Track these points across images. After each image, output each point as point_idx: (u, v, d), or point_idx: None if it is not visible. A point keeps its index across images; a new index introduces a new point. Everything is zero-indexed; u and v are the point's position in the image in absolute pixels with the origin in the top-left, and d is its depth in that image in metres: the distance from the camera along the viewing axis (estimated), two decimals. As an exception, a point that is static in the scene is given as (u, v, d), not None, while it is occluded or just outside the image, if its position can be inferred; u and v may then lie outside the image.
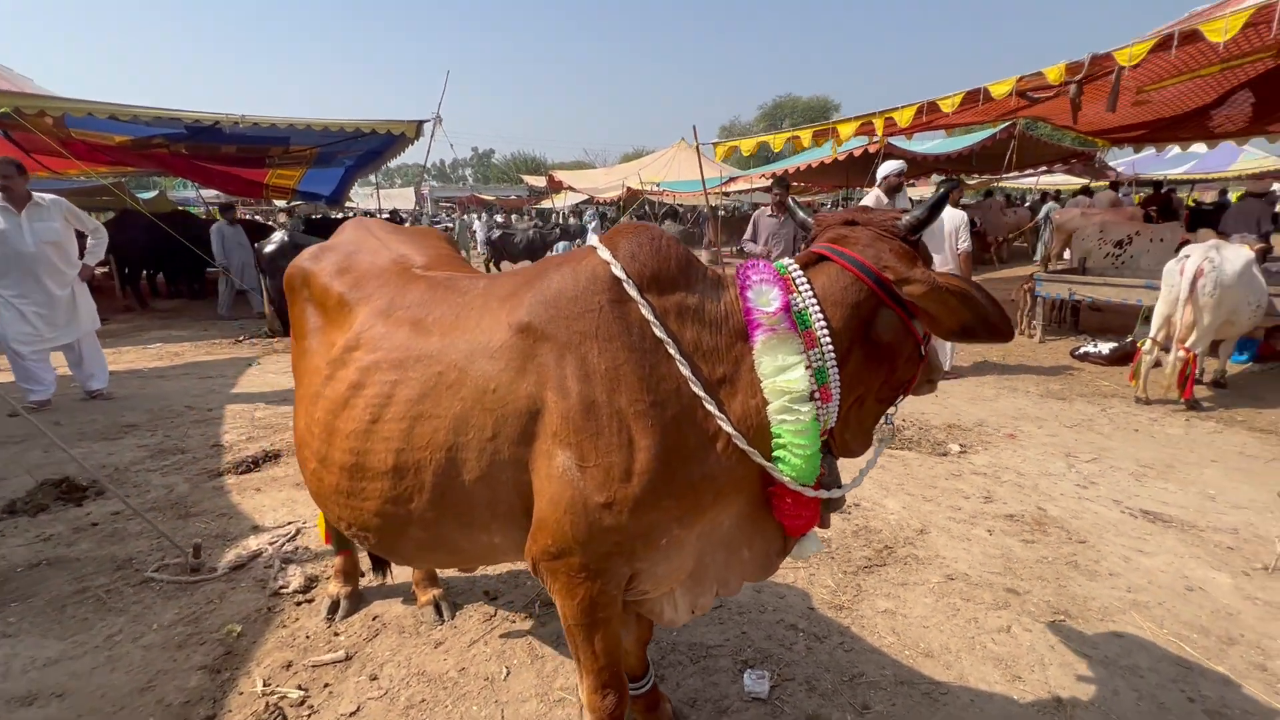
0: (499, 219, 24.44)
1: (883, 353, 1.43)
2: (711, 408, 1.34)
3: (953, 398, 5.51)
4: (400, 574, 2.75)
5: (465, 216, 28.01)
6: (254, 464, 3.96)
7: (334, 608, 2.53)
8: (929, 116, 7.17)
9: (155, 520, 3.14)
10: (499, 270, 15.24)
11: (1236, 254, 5.02)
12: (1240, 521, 3.23)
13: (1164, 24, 8.13)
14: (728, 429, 1.34)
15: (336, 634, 2.43)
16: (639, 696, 1.93)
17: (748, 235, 6.46)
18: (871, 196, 5.63)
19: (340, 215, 16.81)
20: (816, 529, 1.56)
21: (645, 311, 1.36)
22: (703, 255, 18.28)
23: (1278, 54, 8.61)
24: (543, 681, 2.19)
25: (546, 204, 29.77)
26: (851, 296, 1.40)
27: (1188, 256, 5.08)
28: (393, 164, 13.25)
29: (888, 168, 5.54)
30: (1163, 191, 14.52)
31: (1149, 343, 5.39)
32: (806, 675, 2.19)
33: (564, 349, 1.37)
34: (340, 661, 2.28)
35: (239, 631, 2.43)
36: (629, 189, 19.42)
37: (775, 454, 1.38)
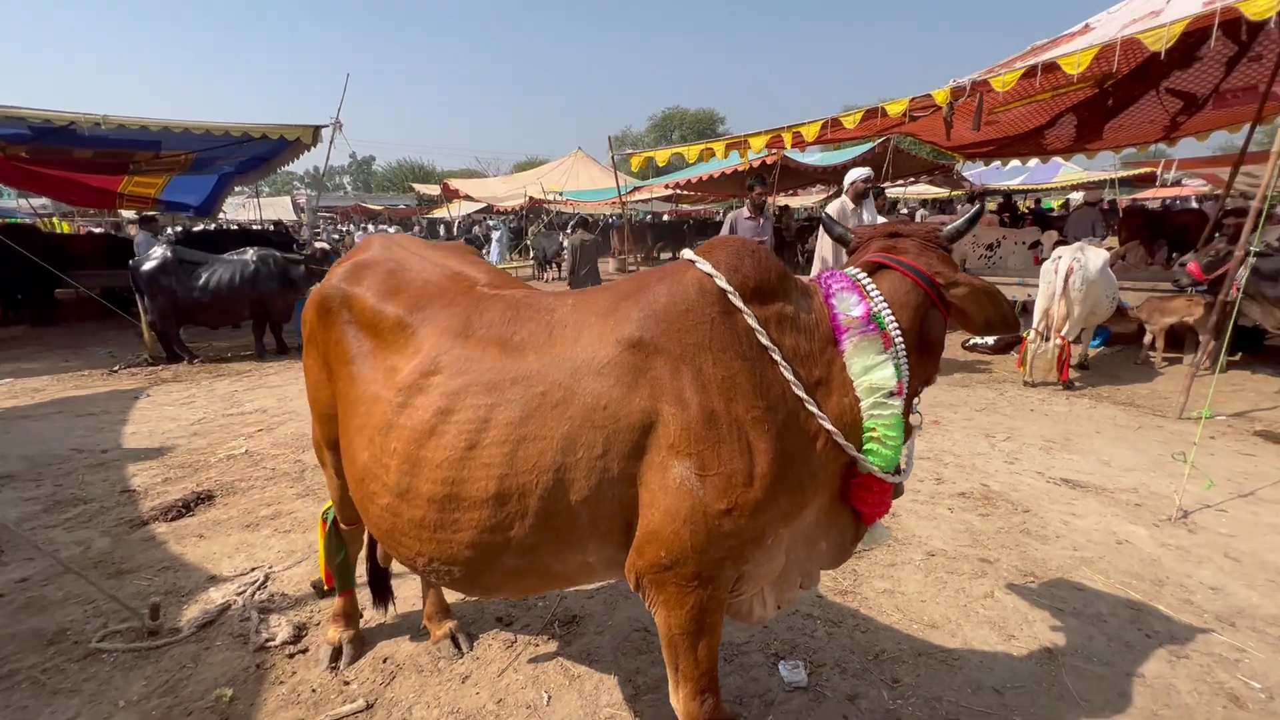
0: (388, 230, 23.19)
1: (931, 348, 1.61)
2: (813, 409, 1.43)
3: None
4: (403, 606, 2.59)
5: (347, 227, 26.33)
6: (185, 508, 3.53)
7: (336, 655, 2.34)
8: (833, 131, 7.77)
9: (85, 581, 2.72)
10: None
11: (1097, 255, 5.89)
12: (1136, 482, 3.80)
13: (1013, 55, 9.35)
14: (828, 427, 1.44)
15: (347, 683, 2.25)
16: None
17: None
18: (837, 202, 5.81)
19: (220, 227, 15.24)
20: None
21: (751, 321, 1.42)
22: (610, 264, 18.43)
23: (1094, 85, 10.15)
24: (587, 702, 2.16)
25: (439, 213, 28.64)
26: (913, 299, 1.56)
27: (1060, 258, 5.88)
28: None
29: (855, 174, 5.77)
30: (1010, 201, 16.66)
31: (1031, 333, 6.17)
32: (835, 659, 2.33)
33: (679, 361, 1.40)
34: (361, 711, 2.11)
35: (231, 695, 2.17)
36: (531, 198, 19.18)
37: (866, 447, 1.49)
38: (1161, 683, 2.19)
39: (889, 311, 1.52)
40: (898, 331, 1.51)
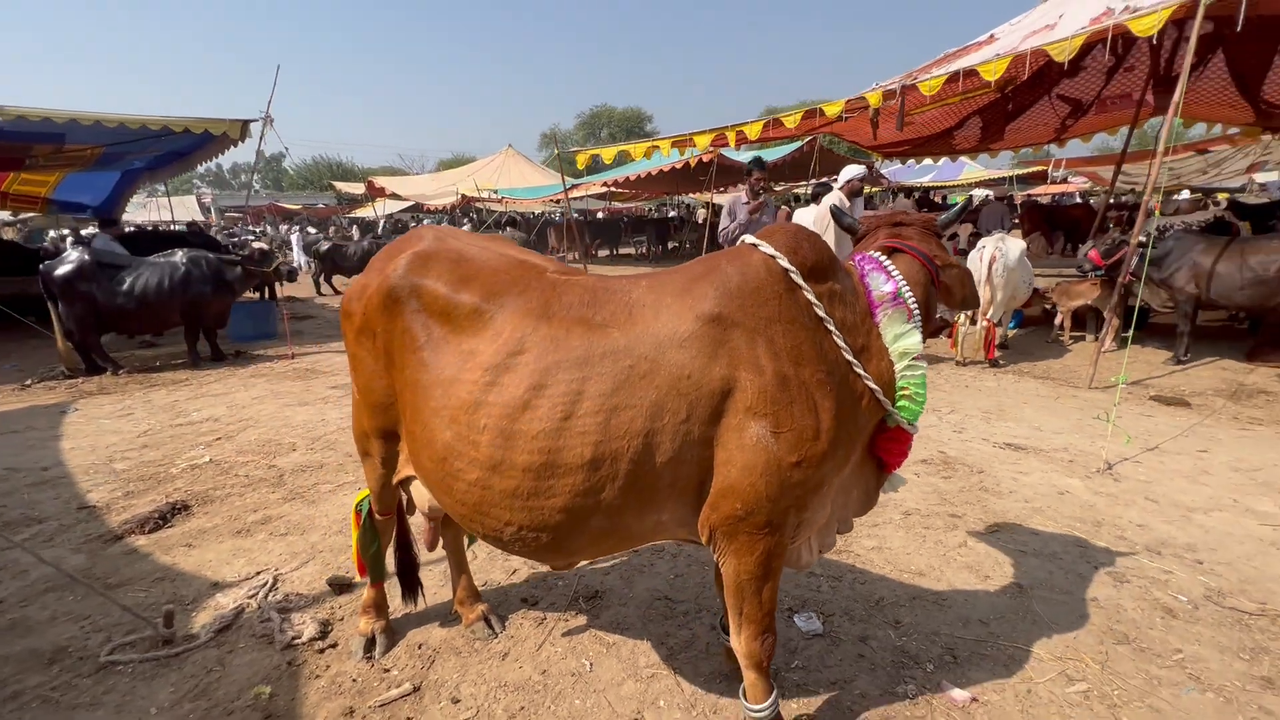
0: (312, 230, 22.06)
1: (929, 320, 1.88)
2: (860, 371, 1.65)
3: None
4: (430, 595, 2.64)
5: (264, 228, 24.82)
6: (162, 519, 3.37)
7: (370, 645, 2.36)
8: (774, 130, 8.17)
9: (80, 596, 2.60)
10: (330, 286, 13.87)
11: (1015, 245, 6.54)
12: (1065, 442, 4.31)
13: (928, 60, 10.08)
14: (872, 386, 1.66)
15: (386, 670, 2.28)
16: (741, 650, 2.16)
17: (726, 223, 5.78)
18: (835, 196, 5.89)
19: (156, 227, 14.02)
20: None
21: (810, 297, 1.63)
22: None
23: (996, 89, 11.08)
24: (626, 665, 2.30)
25: (362, 212, 27.48)
26: (923, 278, 1.82)
27: (984, 248, 6.48)
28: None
29: (851, 172, 5.93)
30: (919, 196, 17.89)
31: (962, 316, 6.76)
32: (842, 608, 2.58)
33: (753, 333, 1.58)
34: (409, 695, 2.16)
35: (270, 692, 2.17)
36: (464, 196, 18.80)
37: (899, 403, 1.72)
38: (1111, 603, 2.58)
39: (908, 288, 1.76)
40: (915, 305, 1.75)
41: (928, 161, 19.86)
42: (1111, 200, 11.36)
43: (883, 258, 1.81)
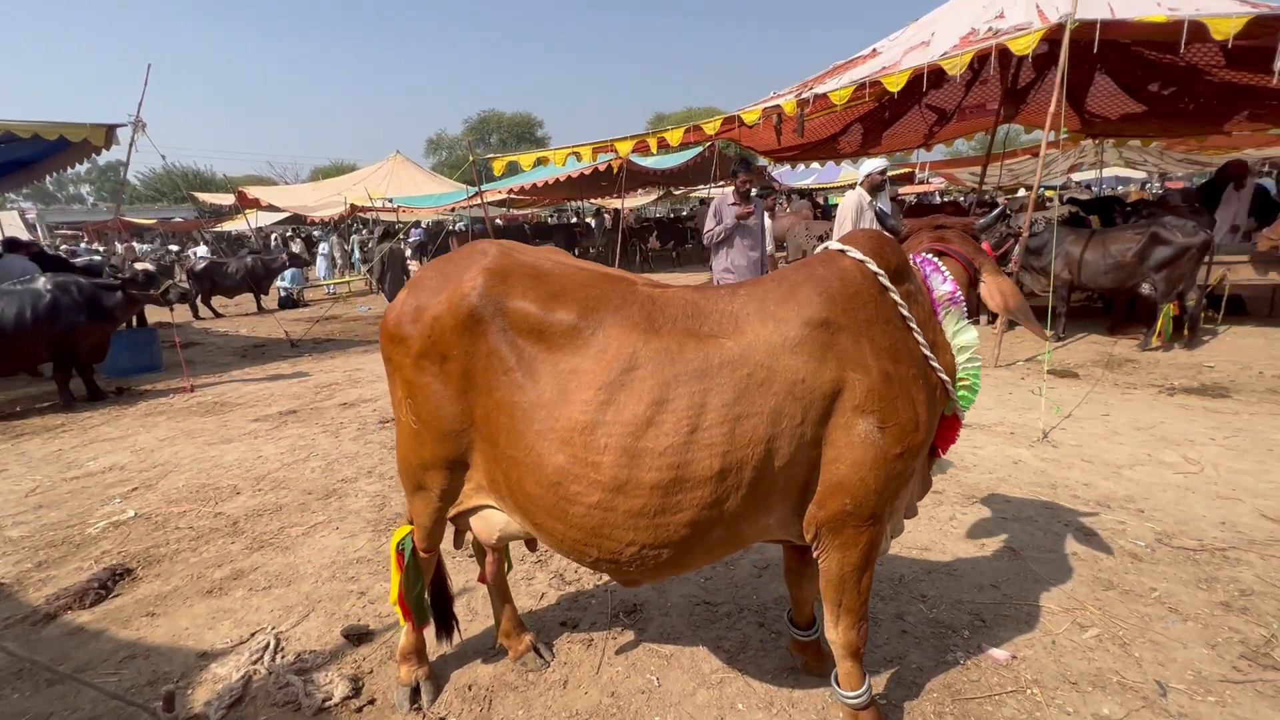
0: (174, 249, 19.70)
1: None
2: (935, 364, 1.77)
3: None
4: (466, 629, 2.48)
5: (128, 244, 21.83)
6: (104, 589, 2.90)
7: (415, 695, 2.18)
8: (695, 135, 8.42)
9: (32, 690, 2.18)
10: (209, 308, 12.48)
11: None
12: (999, 417, 4.81)
13: (820, 71, 10.80)
14: (944, 378, 1.78)
15: (443, 718, 2.12)
16: (811, 643, 2.23)
17: (711, 224, 5.42)
18: (854, 194, 5.78)
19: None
20: None
21: (896, 297, 1.72)
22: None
23: (873, 100, 12.05)
24: (692, 674, 2.29)
25: (228, 226, 24.93)
26: (965, 279, 1.97)
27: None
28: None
29: (871, 166, 5.73)
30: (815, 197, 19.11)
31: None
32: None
33: (857, 335, 1.65)
34: (478, 740, 2.03)
35: (317, 764, 1.95)
36: (354, 205, 17.60)
37: (959, 393, 1.86)
38: (1089, 555, 2.92)
39: (959, 289, 1.90)
40: (964, 303, 1.90)
41: (815, 165, 21.37)
42: (978, 198, 12.77)
43: (938, 260, 1.94)
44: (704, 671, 2.30)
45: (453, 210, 20.49)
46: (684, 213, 27.21)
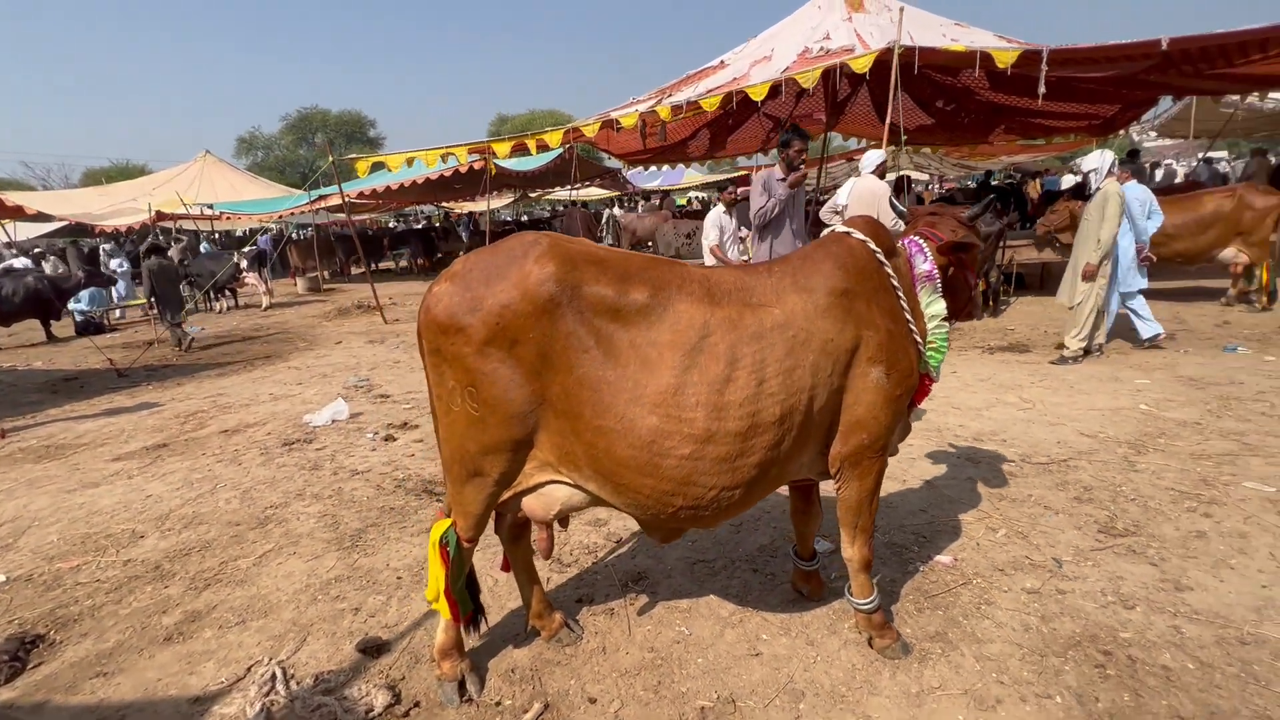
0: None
1: (954, 292, 2.43)
2: (913, 328, 2.19)
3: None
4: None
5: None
6: (16, 661, 2.44)
7: (462, 687, 2.19)
8: (574, 137, 8.61)
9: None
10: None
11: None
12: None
13: (671, 81, 11.55)
14: (919, 339, 2.21)
15: (498, 704, 2.16)
16: (813, 573, 2.59)
17: (761, 201, 5.04)
18: (873, 182, 5.48)
19: None
20: None
21: (889, 270, 2.11)
22: (298, 283, 15.99)
23: (720, 105, 13.10)
24: (715, 619, 2.54)
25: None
26: (943, 261, 2.40)
27: (743, 239, 7.84)
28: None
29: (878, 156, 5.69)
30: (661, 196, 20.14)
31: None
32: (832, 528, 3.17)
33: (869, 301, 2.02)
34: (544, 712, 2.11)
35: (388, 770, 1.91)
36: (160, 213, 15.25)
37: (929, 353, 2.31)
38: (980, 476, 3.64)
39: (936, 268, 2.34)
40: (938, 280, 2.34)
41: (666, 168, 22.50)
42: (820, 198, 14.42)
43: (924, 243, 2.36)
44: (723, 615, 2.56)
45: (280, 217, 18.57)
46: (547, 215, 27.16)
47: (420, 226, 22.76)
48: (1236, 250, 7.67)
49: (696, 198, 31.54)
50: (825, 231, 2.27)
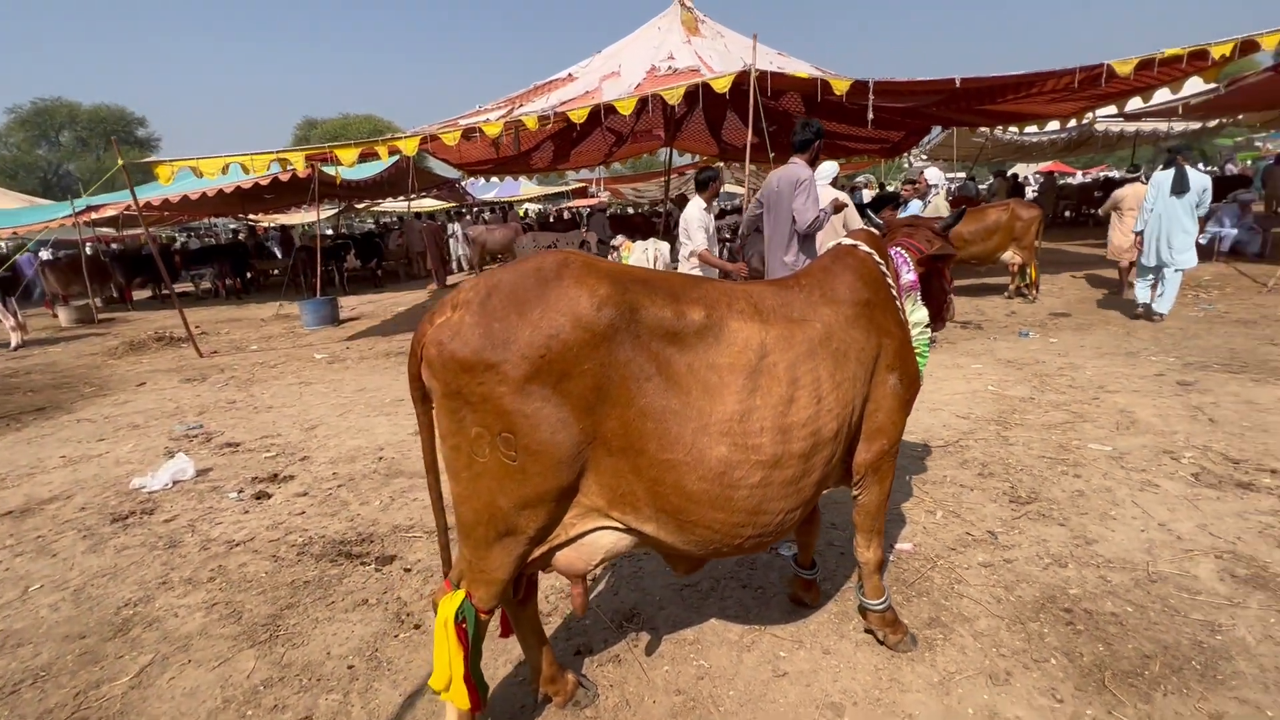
0: None
1: (932, 298, 2.61)
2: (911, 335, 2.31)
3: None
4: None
5: None
6: None
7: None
8: (432, 145, 7.96)
9: None
10: None
11: (664, 245, 8.23)
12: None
13: (516, 92, 11.36)
14: (911, 343, 2.35)
15: (533, 794, 1.87)
16: (812, 581, 2.61)
17: (811, 212, 4.46)
18: (837, 194, 5.33)
19: None
20: None
21: (890, 282, 2.19)
22: (61, 314, 12.85)
23: (587, 118, 13.17)
24: (725, 644, 2.46)
25: None
26: (922, 271, 2.55)
27: (647, 249, 7.97)
28: None
29: (832, 168, 6.07)
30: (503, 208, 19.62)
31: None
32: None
33: (884, 310, 2.09)
34: (591, 792, 1.86)
35: None
36: None
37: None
38: (900, 465, 3.96)
39: (917, 277, 2.48)
40: (919, 289, 2.48)
41: (506, 179, 21.89)
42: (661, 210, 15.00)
43: (906, 254, 2.47)
44: (732, 639, 2.48)
45: (16, 233, 14.87)
46: (373, 226, 24.89)
47: (227, 242, 19.62)
48: (1013, 253, 9.39)
49: (532, 209, 31.25)
50: (832, 244, 2.31)
